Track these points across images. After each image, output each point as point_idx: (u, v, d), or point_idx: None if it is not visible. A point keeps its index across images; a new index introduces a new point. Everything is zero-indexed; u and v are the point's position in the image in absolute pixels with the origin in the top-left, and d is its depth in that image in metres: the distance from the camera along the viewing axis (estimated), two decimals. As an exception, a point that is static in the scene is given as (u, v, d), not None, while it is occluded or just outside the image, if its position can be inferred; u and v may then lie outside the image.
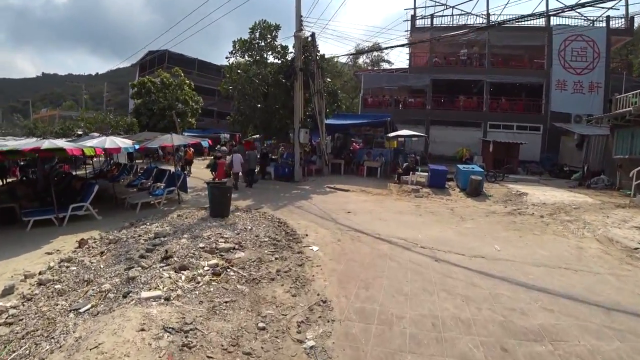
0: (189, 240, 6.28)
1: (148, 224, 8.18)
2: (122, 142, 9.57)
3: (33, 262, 6.52)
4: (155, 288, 4.38)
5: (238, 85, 15.12)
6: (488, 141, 20.82)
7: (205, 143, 10.42)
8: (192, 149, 17.29)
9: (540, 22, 23.09)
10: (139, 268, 5.15)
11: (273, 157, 19.65)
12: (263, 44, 15.62)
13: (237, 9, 17.95)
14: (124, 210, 10.28)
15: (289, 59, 15.60)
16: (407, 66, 27.75)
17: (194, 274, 4.74)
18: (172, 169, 11.11)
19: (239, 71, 14.80)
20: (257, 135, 18.82)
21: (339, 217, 8.91)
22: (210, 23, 18.51)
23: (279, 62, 15.91)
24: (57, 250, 7.13)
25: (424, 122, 24.46)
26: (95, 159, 21.45)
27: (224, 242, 6.14)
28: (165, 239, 6.59)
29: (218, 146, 22.42)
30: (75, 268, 5.95)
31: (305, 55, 14.87)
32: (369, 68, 36.14)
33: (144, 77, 28.31)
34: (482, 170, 14.01)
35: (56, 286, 5.25)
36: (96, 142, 9.45)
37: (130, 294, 4.30)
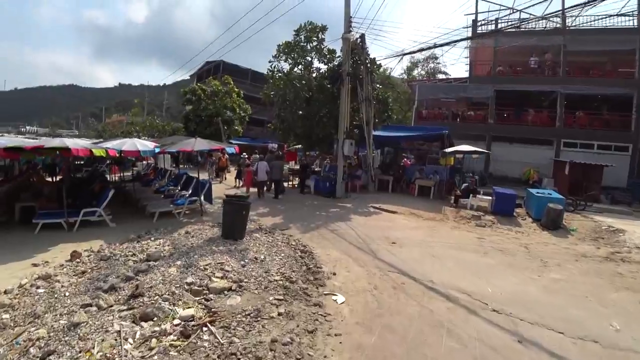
0: (179, 270, 4.87)
1: (152, 239, 7.01)
2: (143, 145, 8.66)
3: (11, 274, 5.54)
4: (88, 351, 2.94)
5: (279, 90, 13.97)
6: (562, 162, 17.52)
7: (232, 150, 9.20)
8: (226, 155, 16.37)
9: (630, 22, 19.44)
10: (95, 308, 3.80)
11: (316, 169, 18.25)
12: (308, 47, 14.40)
13: (288, 20, 17.07)
14: (143, 217, 9.31)
15: (336, 63, 14.20)
16: (467, 76, 25.06)
17: (154, 332, 3.24)
18: (204, 176, 10.05)
19: (279, 74, 13.62)
20: (300, 146, 17.56)
21: (380, 248, 7.05)
22: (257, 31, 17.89)
23: (325, 67, 14.59)
24: (46, 262, 6.16)
25: (485, 137, 21.51)
26: (143, 162, 21.78)
27: (220, 278, 4.62)
28: (156, 263, 5.25)
29: (244, 154, 21.64)
30: (42, 291, 4.80)
31: (353, 59, 13.36)
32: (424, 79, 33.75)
33: (195, 85, 28.74)
34: (561, 197, 11.26)
35: (3, 316, 4.09)
36: (116, 143, 8.65)
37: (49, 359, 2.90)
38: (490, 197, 12.29)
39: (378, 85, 14.94)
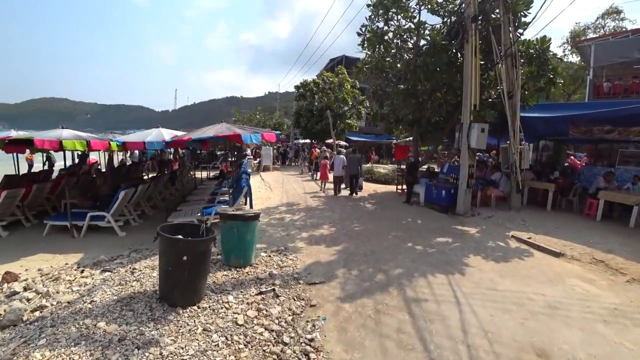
0: None
1: (113, 266, 4.61)
2: (154, 136, 6.52)
3: None
4: None
5: (373, 60, 10.20)
6: None
7: (256, 139, 6.10)
8: (317, 149, 13.65)
9: None
10: None
11: (435, 169, 13.74)
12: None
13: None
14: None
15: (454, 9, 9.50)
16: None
17: None
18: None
19: (370, 37, 9.69)
20: (410, 138, 13.36)
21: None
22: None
23: (437, 20, 10.02)
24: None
25: None
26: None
27: None
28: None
29: (323, 147, 18.60)
30: None
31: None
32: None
33: (307, 79, 27.20)
34: None
35: None
36: (139, 134, 6.78)
37: None
38: None
39: (525, 37, 9.45)
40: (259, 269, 4.77)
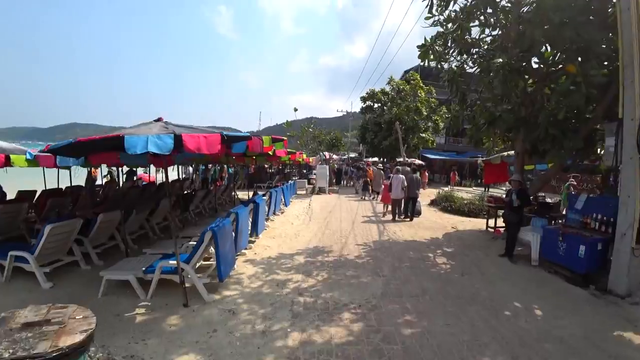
0: None
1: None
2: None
3: None
4: None
5: (449, 29, 6.39)
6: None
7: (159, 145, 2.93)
8: (371, 167, 10.32)
9: None
10: None
11: (549, 202, 9.22)
12: None
13: None
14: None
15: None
16: None
17: None
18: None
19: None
20: (508, 153, 8.99)
21: None
22: None
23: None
24: None
25: None
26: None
27: None
28: None
29: (379, 165, 15.02)
30: None
31: None
32: None
33: (374, 88, 23.74)
34: None
35: None
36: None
37: None
38: None
39: None
40: None
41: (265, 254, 6.26)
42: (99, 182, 13.87)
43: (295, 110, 17.93)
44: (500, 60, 5.29)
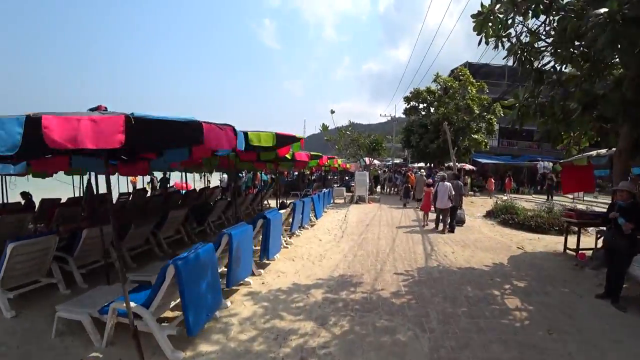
0: None
1: None
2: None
3: None
4: None
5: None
6: None
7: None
8: (413, 173, 8.86)
9: None
10: None
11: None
12: None
13: None
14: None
15: None
16: None
17: None
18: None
19: None
20: (595, 152, 6.88)
21: None
22: None
23: None
24: None
25: None
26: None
27: None
28: None
29: (422, 171, 13.02)
30: None
31: None
32: None
33: (419, 87, 21.63)
34: None
35: None
36: None
37: None
38: None
39: None
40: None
41: (275, 284, 4.95)
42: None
43: (332, 112, 16.57)
44: (606, 9, 3.48)
